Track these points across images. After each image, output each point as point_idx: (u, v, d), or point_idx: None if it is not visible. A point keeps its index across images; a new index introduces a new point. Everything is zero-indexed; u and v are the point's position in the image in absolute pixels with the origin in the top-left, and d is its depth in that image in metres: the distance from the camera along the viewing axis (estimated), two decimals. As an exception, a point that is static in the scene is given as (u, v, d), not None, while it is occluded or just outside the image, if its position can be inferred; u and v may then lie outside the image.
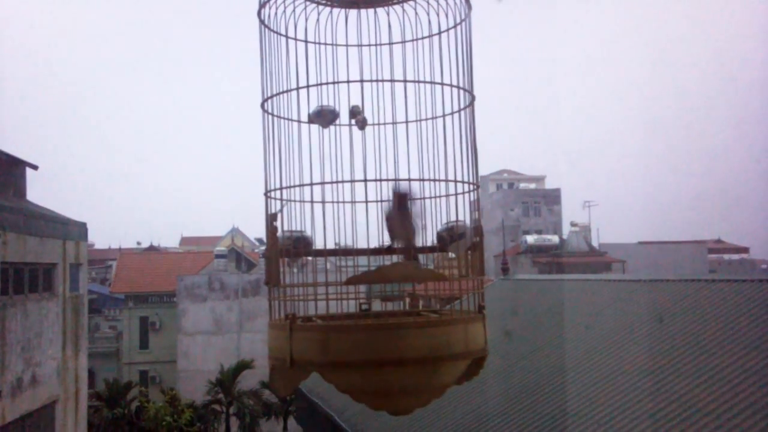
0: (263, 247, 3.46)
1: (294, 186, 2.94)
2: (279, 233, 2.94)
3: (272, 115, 3.02)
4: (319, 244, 2.98)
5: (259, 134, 2.98)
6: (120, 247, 59.74)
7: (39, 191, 47.67)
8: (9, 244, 17.63)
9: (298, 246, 2.92)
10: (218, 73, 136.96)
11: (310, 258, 2.98)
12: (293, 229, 2.96)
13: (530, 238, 43.91)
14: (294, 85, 2.93)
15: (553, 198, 60.77)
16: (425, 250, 3.09)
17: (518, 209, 59.35)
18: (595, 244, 46.27)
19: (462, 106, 3.05)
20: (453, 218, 2.99)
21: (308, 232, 2.99)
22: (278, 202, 2.97)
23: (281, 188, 2.96)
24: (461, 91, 3.02)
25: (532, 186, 65.91)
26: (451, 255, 3.04)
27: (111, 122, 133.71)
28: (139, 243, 66.78)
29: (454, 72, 3.00)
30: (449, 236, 2.99)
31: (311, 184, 2.90)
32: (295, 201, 2.96)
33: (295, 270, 2.94)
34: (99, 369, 40.45)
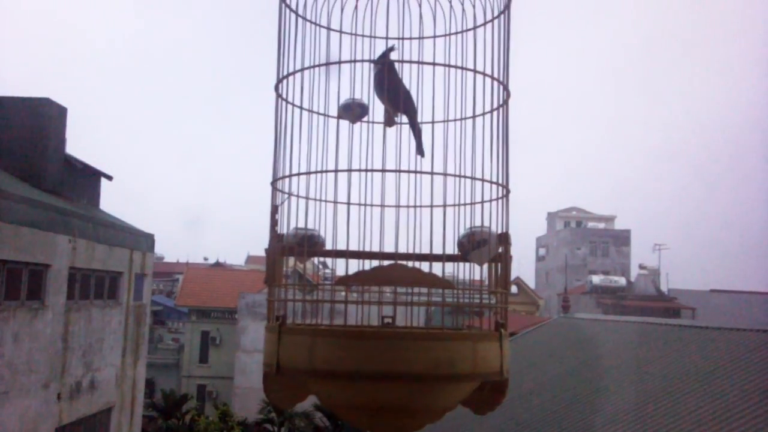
0: (328, 270, 3.23)
1: (301, 174, 2.69)
2: (288, 229, 2.74)
3: (285, 100, 2.83)
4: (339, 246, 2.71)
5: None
6: (187, 261, 61.04)
7: (112, 202, 49.22)
8: (78, 250, 18.21)
9: (303, 245, 2.68)
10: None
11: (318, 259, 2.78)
12: (305, 226, 2.73)
13: (596, 279, 42.87)
14: (315, 70, 2.72)
15: (622, 239, 59.39)
16: (443, 258, 2.73)
17: (585, 248, 58.17)
18: (664, 289, 44.83)
19: (498, 102, 2.80)
20: (478, 224, 2.72)
21: (319, 231, 2.76)
22: (286, 195, 2.77)
23: (289, 176, 2.73)
24: (496, 88, 2.77)
25: (601, 226, 64.53)
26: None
27: (187, 140, 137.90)
28: (206, 258, 68.17)
29: (494, 65, 2.75)
30: (470, 243, 2.69)
31: (316, 172, 2.68)
32: (301, 197, 2.74)
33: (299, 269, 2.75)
34: (159, 379, 41.22)
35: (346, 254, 2.66)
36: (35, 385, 16.08)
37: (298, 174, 2.75)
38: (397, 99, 2.75)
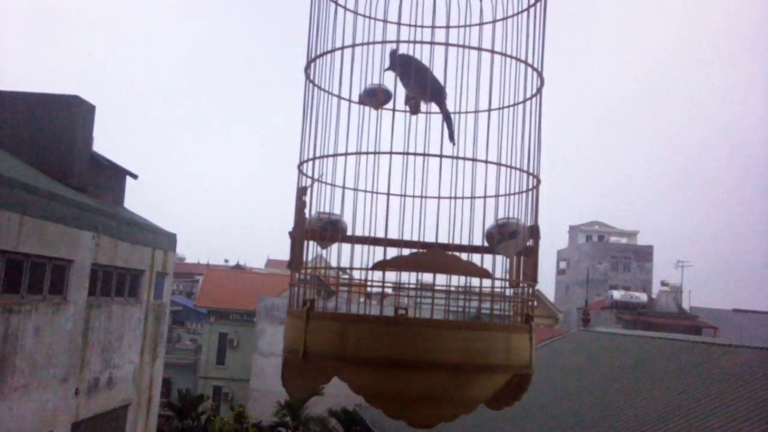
0: (346, 276, 3.12)
1: (328, 156, 2.66)
2: (310, 214, 2.70)
3: (315, 84, 2.78)
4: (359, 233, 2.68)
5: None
6: (208, 262, 61.36)
7: (137, 201, 49.69)
8: (101, 247, 18.34)
9: (327, 230, 2.64)
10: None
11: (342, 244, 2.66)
12: (328, 211, 2.70)
13: (616, 294, 42.43)
14: (342, 54, 2.67)
15: (644, 255, 58.86)
16: (470, 249, 2.67)
17: (607, 263, 57.72)
18: (686, 306, 44.30)
19: (532, 91, 2.72)
20: (507, 216, 2.67)
21: (343, 217, 2.72)
22: (311, 179, 2.73)
23: (314, 158, 2.70)
24: (530, 76, 2.70)
25: (623, 241, 63.98)
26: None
27: (211, 146, 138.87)
28: (226, 261, 68.55)
29: (528, 51, 2.67)
30: (499, 234, 2.64)
31: (346, 154, 2.64)
32: (327, 183, 2.72)
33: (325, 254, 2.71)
34: (176, 379, 41.40)
35: (382, 241, 2.57)
36: (54, 380, 16.19)
37: (321, 157, 2.72)
38: (424, 87, 2.69)
